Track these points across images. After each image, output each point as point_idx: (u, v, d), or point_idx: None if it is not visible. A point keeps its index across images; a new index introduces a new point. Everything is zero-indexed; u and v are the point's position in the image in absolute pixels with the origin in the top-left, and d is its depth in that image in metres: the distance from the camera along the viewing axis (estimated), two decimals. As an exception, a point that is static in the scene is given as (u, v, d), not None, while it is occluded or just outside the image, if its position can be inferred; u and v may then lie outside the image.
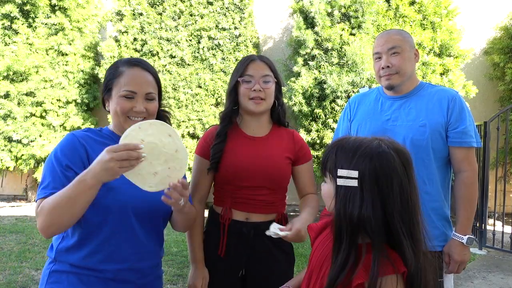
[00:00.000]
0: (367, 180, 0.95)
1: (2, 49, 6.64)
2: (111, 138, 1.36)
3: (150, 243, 1.34)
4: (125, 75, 1.34)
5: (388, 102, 1.77)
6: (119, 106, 1.31)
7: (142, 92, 1.33)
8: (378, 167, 0.96)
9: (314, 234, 1.16)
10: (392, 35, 1.74)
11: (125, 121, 1.33)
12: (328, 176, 1.03)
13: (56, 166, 1.23)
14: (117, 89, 1.33)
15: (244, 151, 1.61)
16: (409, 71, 1.71)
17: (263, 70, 1.61)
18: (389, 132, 1.69)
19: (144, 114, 1.34)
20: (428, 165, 1.66)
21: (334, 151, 1.02)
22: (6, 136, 6.57)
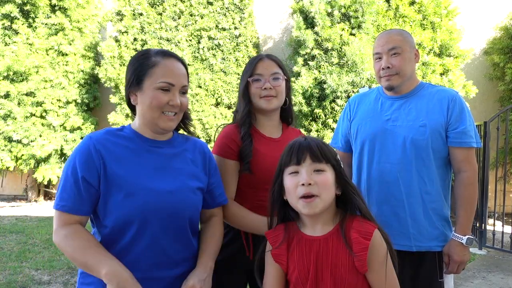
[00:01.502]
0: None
1: (2, 49, 6.64)
2: (133, 139, 1.27)
3: (174, 252, 1.25)
4: (161, 65, 1.23)
5: (388, 102, 1.77)
6: (155, 100, 1.21)
7: (179, 84, 1.25)
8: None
9: (285, 258, 1.21)
10: (392, 35, 1.73)
11: (159, 116, 1.23)
12: (328, 165, 1.18)
13: (71, 177, 1.18)
14: (151, 80, 1.22)
15: (270, 153, 1.59)
16: (409, 72, 1.71)
17: (271, 68, 1.61)
18: (389, 132, 1.69)
19: (177, 109, 1.25)
20: (428, 165, 1.66)
21: (319, 143, 1.21)
22: (6, 136, 6.57)
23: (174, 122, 1.27)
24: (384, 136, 1.70)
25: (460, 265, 1.65)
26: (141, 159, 1.25)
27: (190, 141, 1.41)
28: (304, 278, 1.15)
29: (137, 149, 1.26)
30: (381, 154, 1.70)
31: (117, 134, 1.27)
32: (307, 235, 1.20)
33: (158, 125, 1.25)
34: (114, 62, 6.56)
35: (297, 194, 1.15)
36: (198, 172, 1.35)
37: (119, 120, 6.53)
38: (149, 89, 1.22)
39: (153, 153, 1.27)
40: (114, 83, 6.57)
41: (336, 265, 1.12)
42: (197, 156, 1.38)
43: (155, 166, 1.25)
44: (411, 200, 1.65)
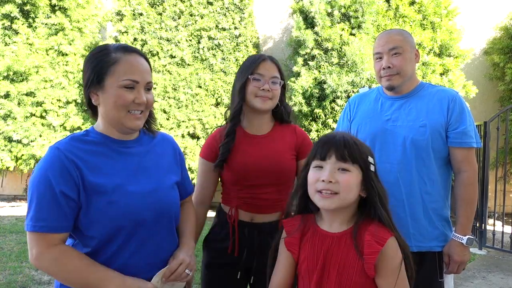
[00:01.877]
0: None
1: (2, 49, 6.64)
2: (102, 143, 1.20)
3: (164, 250, 1.24)
4: (123, 62, 1.16)
5: (388, 102, 1.77)
6: (120, 99, 1.14)
7: (144, 81, 1.18)
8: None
9: (297, 247, 1.21)
10: (393, 35, 1.73)
11: (125, 116, 1.17)
12: (354, 165, 1.15)
13: (46, 193, 1.08)
14: (113, 78, 1.14)
15: (251, 150, 1.62)
16: (409, 72, 1.71)
17: (273, 71, 1.64)
18: (389, 133, 1.69)
19: (143, 107, 1.20)
20: (428, 165, 1.66)
21: (349, 142, 1.17)
22: (6, 136, 6.57)
23: (141, 120, 1.21)
24: (384, 136, 1.70)
25: (460, 265, 1.65)
26: (115, 162, 1.19)
27: (157, 136, 1.38)
28: (312, 270, 1.16)
29: (108, 153, 1.19)
30: (381, 154, 1.70)
31: (84, 140, 1.19)
32: (322, 230, 1.20)
33: (124, 125, 1.18)
34: (114, 62, 6.56)
35: (316, 188, 1.15)
36: (171, 166, 1.35)
37: (119, 120, 6.53)
38: (111, 88, 1.14)
39: (124, 154, 1.22)
40: (114, 83, 6.57)
41: (345, 264, 1.12)
42: (166, 149, 1.37)
43: (129, 168, 1.21)
44: (411, 200, 1.65)
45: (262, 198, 1.61)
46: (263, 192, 1.61)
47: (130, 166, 1.22)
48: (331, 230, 1.18)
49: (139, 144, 1.28)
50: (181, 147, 6.04)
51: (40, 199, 1.08)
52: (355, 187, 1.15)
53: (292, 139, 1.68)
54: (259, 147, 1.64)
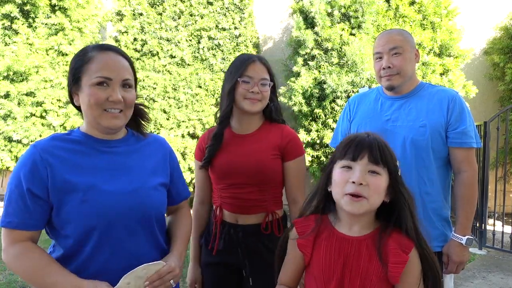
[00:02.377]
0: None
1: (2, 49, 6.64)
2: (83, 142, 1.18)
3: (143, 254, 1.19)
4: (97, 60, 1.14)
5: (388, 102, 1.77)
6: (92, 97, 1.11)
7: (119, 78, 1.14)
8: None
9: (310, 249, 1.17)
10: (393, 35, 1.73)
11: (100, 115, 1.14)
12: (385, 169, 1.11)
13: (15, 190, 1.09)
14: (87, 77, 1.13)
15: (233, 149, 1.62)
16: (409, 72, 1.71)
17: (262, 73, 1.61)
18: (389, 133, 1.69)
19: (121, 105, 1.15)
20: (428, 165, 1.66)
21: (382, 144, 1.13)
22: (6, 136, 6.57)
23: (119, 119, 1.17)
24: (384, 136, 1.69)
25: (459, 265, 1.65)
26: (94, 161, 1.17)
27: (148, 137, 1.34)
28: (329, 276, 1.11)
29: (88, 152, 1.17)
30: (381, 154, 1.70)
31: (64, 138, 1.19)
32: (340, 232, 1.15)
33: (100, 124, 1.15)
34: (114, 62, 6.56)
35: (345, 190, 1.09)
36: (159, 167, 1.30)
37: (119, 120, 6.53)
38: (86, 87, 1.13)
39: (106, 153, 1.20)
40: (114, 83, 6.58)
41: (368, 270, 1.08)
42: (155, 150, 1.32)
43: (109, 167, 1.18)
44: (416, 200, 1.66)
45: (243, 198, 1.59)
46: (245, 191, 1.59)
47: (110, 165, 1.18)
48: (351, 234, 1.13)
49: (125, 144, 1.25)
50: (181, 147, 6.04)
51: (10, 196, 1.10)
52: (383, 191, 1.11)
53: (276, 138, 1.64)
54: (239, 145, 1.63)
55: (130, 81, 1.19)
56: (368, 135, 1.15)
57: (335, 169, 1.14)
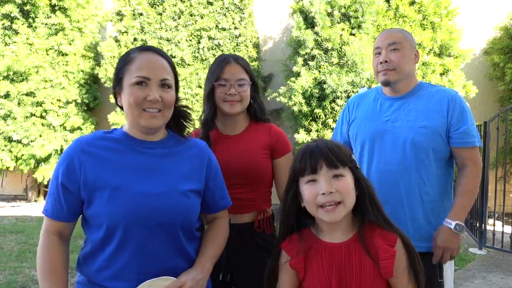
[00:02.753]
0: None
1: (2, 49, 6.64)
2: (122, 141, 1.20)
3: (165, 259, 1.17)
4: (137, 60, 1.17)
5: (387, 102, 1.77)
6: (132, 96, 1.14)
7: (156, 78, 1.16)
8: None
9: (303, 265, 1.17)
10: (393, 32, 1.74)
11: (139, 114, 1.15)
12: (345, 168, 1.13)
13: (54, 181, 1.17)
14: (128, 77, 1.16)
15: (222, 150, 1.61)
16: (407, 70, 1.70)
17: (238, 73, 1.61)
18: (389, 133, 1.69)
19: (159, 105, 1.16)
20: (428, 165, 1.66)
21: (332, 147, 1.14)
22: (6, 136, 6.57)
23: (157, 119, 1.17)
24: (383, 137, 1.70)
25: (445, 251, 1.61)
26: (128, 160, 1.18)
27: (188, 141, 1.32)
28: (327, 285, 1.11)
29: (124, 151, 1.19)
30: (381, 155, 1.69)
31: (105, 136, 1.22)
32: (327, 242, 1.15)
33: (139, 124, 1.17)
34: (114, 62, 6.56)
35: (317, 203, 1.10)
36: (194, 173, 1.26)
37: (119, 120, 6.53)
38: (126, 87, 1.16)
39: (142, 154, 1.20)
40: (114, 83, 6.58)
41: (361, 272, 1.09)
42: (193, 156, 1.29)
43: (142, 168, 1.18)
44: (411, 201, 1.65)
45: (236, 198, 1.57)
46: (238, 192, 1.58)
47: (143, 166, 1.19)
48: (336, 241, 1.15)
49: (162, 147, 1.24)
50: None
51: (50, 187, 1.19)
52: (353, 189, 1.13)
53: (265, 138, 1.65)
54: (230, 146, 1.63)
55: (169, 81, 1.19)
56: (317, 143, 1.16)
57: (302, 186, 1.15)
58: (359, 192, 1.15)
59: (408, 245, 1.14)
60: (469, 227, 5.12)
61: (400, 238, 1.13)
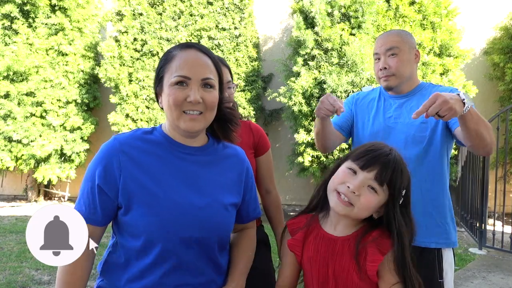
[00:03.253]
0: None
1: (2, 49, 6.64)
2: (162, 144, 1.12)
3: (200, 273, 1.12)
4: (177, 58, 1.08)
5: (390, 100, 1.79)
6: (171, 97, 1.06)
7: (198, 77, 1.07)
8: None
9: (300, 248, 1.19)
10: (391, 36, 1.74)
11: (179, 116, 1.07)
12: (385, 190, 1.09)
13: (89, 182, 1.08)
14: (168, 76, 1.08)
15: None
16: (407, 73, 1.71)
17: (226, 75, 1.61)
18: (391, 130, 1.70)
19: (200, 107, 1.07)
20: (430, 162, 1.66)
21: (398, 166, 1.10)
22: (6, 136, 6.57)
23: (198, 122, 1.08)
24: (386, 134, 1.71)
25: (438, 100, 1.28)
26: (170, 168, 1.10)
27: (229, 148, 1.24)
28: (316, 272, 1.14)
29: (165, 156, 1.11)
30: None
31: (144, 138, 1.13)
32: (325, 232, 1.17)
33: (179, 126, 1.09)
34: (114, 62, 6.56)
35: (337, 188, 1.10)
36: (234, 185, 1.20)
37: (119, 120, 6.53)
38: (166, 87, 1.08)
39: (183, 160, 1.13)
40: (114, 83, 6.57)
41: (349, 269, 1.10)
42: (233, 166, 1.22)
43: (185, 177, 1.11)
44: (412, 197, 1.65)
45: None
46: None
47: (185, 176, 1.11)
48: (335, 233, 1.16)
49: (203, 153, 1.17)
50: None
51: (83, 187, 1.10)
52: (373, 209, 1.10)
53: (249, 137, 1.67)
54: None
55: (212, 81, 1.09)
56: (390, 153, 1.12)
57: (343, 165, 1.15)
58: (385, 219, 1.11)
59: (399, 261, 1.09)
60: (469, 227, 5.13)
61: (393, 251, 1.08)
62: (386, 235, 1.12)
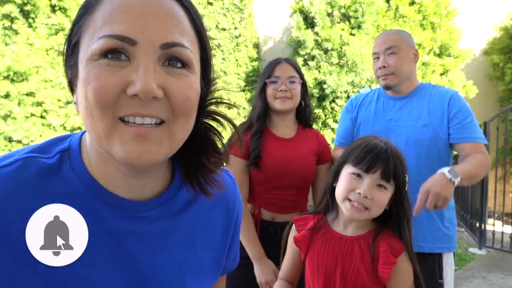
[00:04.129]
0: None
1: (2, 49, 6.65)
2: (78, 198, 0.55)
3: None
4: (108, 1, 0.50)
5: (390, 102, 1.78)
6: (91, 86, 0.48)
7: (152, 38, 0.49)
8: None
9: (306, 245, 1.19)
10: (390, 35, 1.75)
11: (110, 132, 0.49)
12: (392, 184, 1.12)
13: None
14: (87, 40, 0.50)
15: (277, 153, 1.66)
16: (406, 71, 1.71)
17: (289, 71, 1.68)
18: (392, 132, 1.70)
19: (158, 108, 0.50)
20: (430, 164, 1.66)
21: (397, 159, 1.12)
22: (6, 136, 6.57)
23: (154, 143, 0.51)
24: (386, 136, 1.70)
25: (431, 196, 1.36)
26: (93, 258, 0.55)
27: (209, 188, 0.65)
28: (321, 270, 1.14)
29: (92, 227, 0.55)
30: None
31: (41, 187, 0.54)
32: (335, 231, 1.17)
33: (111, 154, 0.51)
34: (114, 62, 6.57)
35: (348, 196, 1.11)
36: (213, 259, 0.69)
37: (119, 120, 6.53)
38: (83, 64, 0.51)
39: (124, 236, 0.57)
40: (114, 83, 6.59)
41: (359, 269, 1.10)
42: (216, 219, 0.69)
43: (125, 272, 0.57)
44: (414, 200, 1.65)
45: (283, 199, 1.66)
46: (285, 193, 1.66)
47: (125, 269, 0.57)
48: (345, 233, 1.16)
49: (162, 213, 0.61)
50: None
51: None
52: (385, 204, 1.13)
53: (315, 144, 1.74)
54: (286, 150, 1.68)
55: (185, 51, 0.52)
56: (387, 148, 1.13)
57: (344, 171, 1.15)
58: (394, 208, 1.14)
59: (413, 263, 1.12)
60: (469, 227, 5.12)
61: (407, 253, 1.11)
62: (397, 239, 1.12)
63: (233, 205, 0.73)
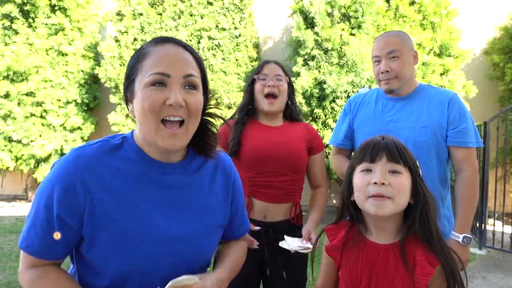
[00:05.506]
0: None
1: (2, 49, 6.64)
2: (135, 162, 0.95)
3: None
4: (153, 54, 0.91)
5: (389, 103, 1.78)
6: (146, 101, 0.87)
7: (178, 74, 0.90)
8: None
9: (338, 254, 1.15)
10: (391, 38, 1.73)
11: (157, 129, 0.89)
12: (405, 168, 1.08)
13: (43, 210, 0.88)
14: (141, 77, 0.90)
15: (264, 136, 1.72)
16: (408, 75, 1.71)
17: (276, 70, 1.79)
18: (391, 133, 1.69)
19: (183, 112, 0.90)
20: (429, 166, 1.66)
21: (399, 144, 1.11)
22: (6, 136, 6.57)
23: (179, 139, 0.92)
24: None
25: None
26: (145, 192, 0.94)
27: (211, 160, 1.07)
28: (357, 280, 1.10)
29: (139, 179, 0.94)
30: (382, 155, 1.70)
31: (113, 154, 0.94)
32: (369, 240, 1.13)
33: (156, 143, 0.91)
34: (114, 62, 6.56)
35: (367, 193, 1.05)
36: (220, 204, 1.07)
37: (119, 120, 6.53)
38: (139, 89, 0.90)
39: (160, 183, 0.96)
40: (114, 83, 6.57)
41: (394, 278, 1.06)
42: (218, 180, 1.07)
43: (163, 203, 0.95)
44: None
45: (273, 186, 1.67)
46: (278, 180, 1.68)
47: (163, 201, 0.95)
48: (379, 242, 1.12)
49: (184, 171, 1.00)
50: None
51: (36, 215, 0.90)
52: (408, 191, 1.06)
53: (304, 134, 1.79)
54: (272, 135, 1.74)
55: (195, 79, 0.93)
56: (384, 138, 1.13)
57: (356, 175, 1.12)
58: (414, 200, 1.08)
59: (449, 274, 1.05)
60: (469, 227, 5.12)
61: (442, 265, 1.05)
62: (428, 248, 1.07)
63: (230, 171, 1.12)
